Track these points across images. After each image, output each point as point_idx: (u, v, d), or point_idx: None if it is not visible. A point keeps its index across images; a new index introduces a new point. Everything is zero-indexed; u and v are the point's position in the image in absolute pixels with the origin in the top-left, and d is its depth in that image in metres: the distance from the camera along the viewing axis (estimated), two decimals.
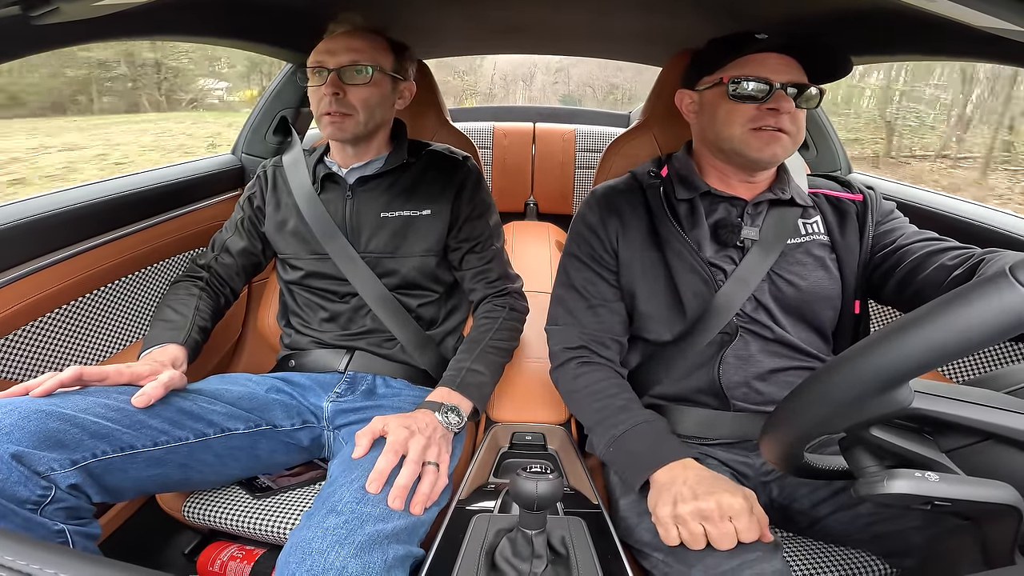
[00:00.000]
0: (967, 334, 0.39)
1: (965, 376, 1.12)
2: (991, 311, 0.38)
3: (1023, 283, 0.37)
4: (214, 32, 1.13)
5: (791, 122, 0.84)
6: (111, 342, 1.16)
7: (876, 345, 0.43)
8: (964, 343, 0.39)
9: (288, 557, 0.62)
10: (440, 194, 1.07)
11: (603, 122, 2.57)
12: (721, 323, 0.85)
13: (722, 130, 0.87)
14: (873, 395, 0.44)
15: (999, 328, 0.38)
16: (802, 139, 0.88)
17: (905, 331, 0.42)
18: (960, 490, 0.45)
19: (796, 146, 0.87)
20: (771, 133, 0.83)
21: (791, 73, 0.83)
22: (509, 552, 0.64)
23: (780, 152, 0.84)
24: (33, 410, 0.67)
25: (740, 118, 0.85)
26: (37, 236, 0.98)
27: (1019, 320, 0.37)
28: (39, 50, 0.78)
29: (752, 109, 0.84)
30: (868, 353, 0.44)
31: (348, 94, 0.98)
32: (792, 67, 0.84)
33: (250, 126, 1.53)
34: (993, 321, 0.38)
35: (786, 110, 0.82)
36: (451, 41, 1.56)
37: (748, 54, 0.85)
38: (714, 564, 0.66)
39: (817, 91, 0.85)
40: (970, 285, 0.40)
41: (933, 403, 0.46)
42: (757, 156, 0.85)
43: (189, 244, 1.34)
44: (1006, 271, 0.38)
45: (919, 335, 0.41)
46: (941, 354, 0.40)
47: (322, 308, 1.09)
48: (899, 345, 0.42)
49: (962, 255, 0.76)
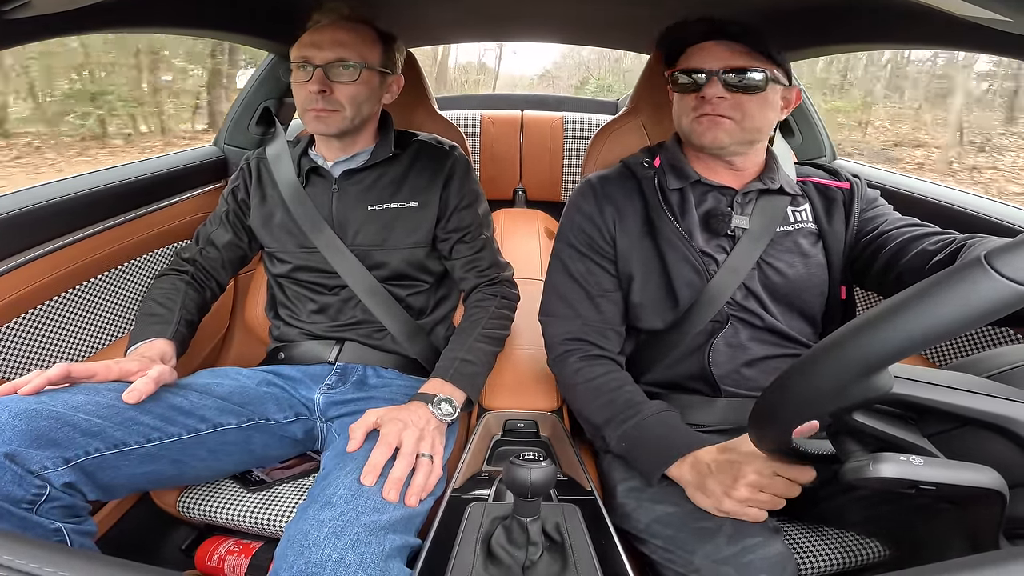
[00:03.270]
0: (942, 321, 0.39)
1: (953, 359, 1.14)
2: (965, 298, 0.38)
3: (997, 270, 0.37)
4: (192, 23, 1.10)
5: (732, 108, 0.85)
6: (96, 338, 1.14)
7: (854, 333, 0.44)
8: (939, 330, 0.39)
9: (286, 550, 0.63)
10: (428, 185, 1.07)
11: (591, 109, 2.56)
12: (712, 312, 0.86)
13: (677, 120, 0.92)
14: (853, 381, 0.45)
15: (973, 315, 0.38)
16: (759, 124, 0.87)
17: (882, 319, 0.42)
18: (944, 474, 0.46)
19: (750, 132, 0.87)
20: (710, 119, 0.85)
21: (730, 59, 0.84)
22: (504, 539, 0.65)
23: (724, 137, 0.86)
24: (23, 409, 0.66)
25: (684, 108, 0.89)
26: (15, 232, 0.96)
27: (992, 307, 0.37)
28: (11, 44, 0.75)
29: (693, 99, 0.87)
30: (846, 341, 0.45)
31: (335, 91, 0.96)
32: (732, 53, 0.85)
33: (232, 116, 1.50)
34: (967, 308, 0.38)
35: (711, 95, 0.84)
36: (438, 30, 1.54)
37: (693, 44, 0.88)
38: (714, 549, 0.66)
39: (762, 74, 0.84)
40: (945, 272, 0.40)
41: (912, 388, 0.47)
42: (699, 142, 0.88)
43: (172, 237, 1.32)
44: (980, 258, 0.38)
45: (895, 322, 0.41)
46: (917, 341, 0.40)
47: (311, 300, 1.09)
48: (876, 332, 0.42)
49: (943, 240, 0.78)
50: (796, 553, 0.81)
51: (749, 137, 0.88)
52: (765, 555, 0.64)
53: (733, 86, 0.84)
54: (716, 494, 0.69)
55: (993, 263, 0.37)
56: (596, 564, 0.64)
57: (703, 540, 0.68)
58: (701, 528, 0.70)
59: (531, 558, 0.63)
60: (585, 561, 0.64)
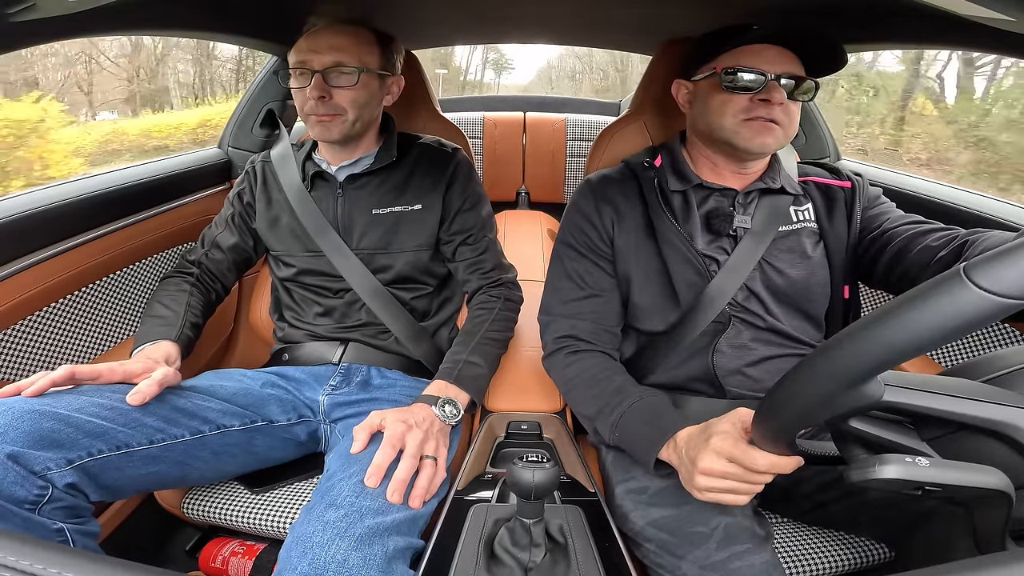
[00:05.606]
0: (921, 334, 0.39)
1: (962, 358, 1.14)
2: (944, 311, 0.38)
3: (976, 283, 0.37)
4: (193, 25, 1.11)
5: (784, 113, 0.83)
6: (102, 339, 1.15)
7: (839, 344, 0.44)
8: (920, 342, 0.39)
9: (290, 551, 0.63)
10: (431, 188, 1.07)
11: (593, 111, 2.56)
12: (714, 313, 0.86)
13: (714, 120, 0.87)
14: (842, 391, 0.45)
15: (952, 328, 0.38)
16: (795, 132, 0.87)
17: (865, 331, 0.42)
18: (950, 475, 0.45)
19: (788, 139, 0.87)
20: (762, 123, 0.83)
21: (786, 65, 0.83)
22: (508, 541, 0.65)
23: (771, 142, 0.84)
24: (27, 410, 0.66)
25: (732, 108, 0.85)
26: (22, 234, 0.97)
27: (971, 320, 0.37)
28: (16, 47, 0.76)
29: (745, 100, 0.84)
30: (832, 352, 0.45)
31: (335, 96, 0.96)
32: (788, 59, 0.84)
33: (236, 119, 1.51)
34: (946, 321, 0.38)
35: (778, 101, 0.82)
36: (437, 31, 1.54)
37: (743, 44, 0.84)
38: (704, 555, 0.67)
39: (813, 84, 0.85)
40: (925, 285, 0.40)
41: (903, 395, 0.47)
42: (747, 146, 0.85)
43: (178, 239, 1.33)
44: (959, 271, 0.38)
45: (877, 335, 0.41)
46: (899, 353, 0.40)
47: (316, 303, 1.09)
48: (859, 345, 0.43)
49: (946, 236, 0.77)
50: (800, 555, 0.80)
51: (786, 144, 0.88)
52: (752, 563, 0.64)
53: (789, 92, 0.83)
54: (687, 480, 0.68)
55: (972, 276, 0.37)
56: (599, 566, 0.64)
57: (694, 545, 0.68)
58: (693, 533, 0.70)
59: (534, 560, 0.63)
60: (588, 563, 0.64)
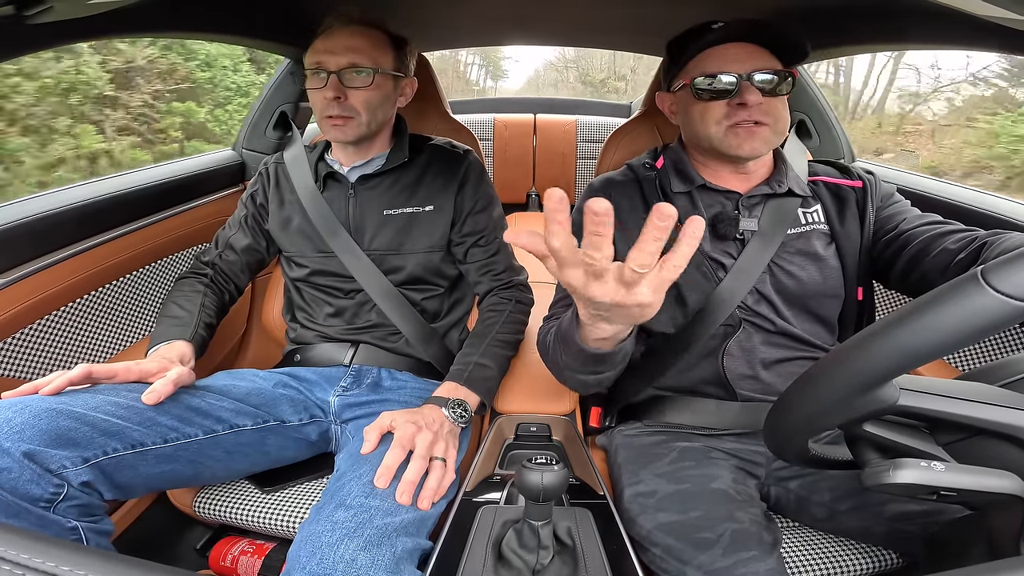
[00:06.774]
0: (938, 338, 0.39)
1: (981, 361, 1.12)
2: (961, 315, 0.38)
3: (993, 287, 0.36)
4: (208, 28, 1.12)
5: (766, 112, 0.81)
6: (117, 339, 1.16)
7: (855, 348, 0.44)
8: (936, 346, 0.39)
9: (299, 551, 0.63)
10: (442, 189, 1.07)
11: (604, 113, 2.56)
12: (723, 316, 0.85)
13: (699, 130, 0.86)
14: (857, 395, 0.45)
15: (969, 332, 0.38)
16: (785, 127, 0.85)
17: (881, 334, 0.42)
18: (966, 479, 0.45)
19: (780, 135, 0.84)
20: (747, 128, 0.81)
21: (756, 61, 0.80)
22: (516, 543, 0.64)
23: (760, 146, 0.82)
24: (44, 408, 0.67)
25: (713, 116, 0.83)
26: (40, 235, 0.99)
27: (988, 324, 0.37)
28: (33, 50, 0.77)
29: (723, 106, 0.82)
30: (848, 356, 0.45)
31: (349, 97, 0.97)
32: (757, 55, 0.81)
33: (250, 121, 1.52)
34: (963, 326, 0.38)
35: (755, 102, 0.80)
36: (449, 33, 1.55)
37: (708, 47, 0.82)
38: (709, 561, 0.66)
39: (788, 75, 0.82)
40: (941, 288, 0.39)
41: (918, 400, 0.46)
42: (736, 153, 0.83)
43: (192, 240, 1.34)
44: (976, 274, 0.37)
45: (892, 339, 0.41)
46: (915, 357, 0.40)
47: (327, 304, 1.10)
48: (875, 349, 0.42)
49: (965, 238, 0.76)
50: (810, 561, 0.79)
51: (779, 141, 0.85)
52: (756, 570, 0.64)
53: (765, 90, 0.80)
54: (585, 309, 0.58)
55: (989, 279, 0.37)
56: (607, 569, 0.63)
57: (699, 551, 0.67)
58: (700, 539, 0.69)
59: (542, 562, 0.62)
60: (596, 566, 0.64)
